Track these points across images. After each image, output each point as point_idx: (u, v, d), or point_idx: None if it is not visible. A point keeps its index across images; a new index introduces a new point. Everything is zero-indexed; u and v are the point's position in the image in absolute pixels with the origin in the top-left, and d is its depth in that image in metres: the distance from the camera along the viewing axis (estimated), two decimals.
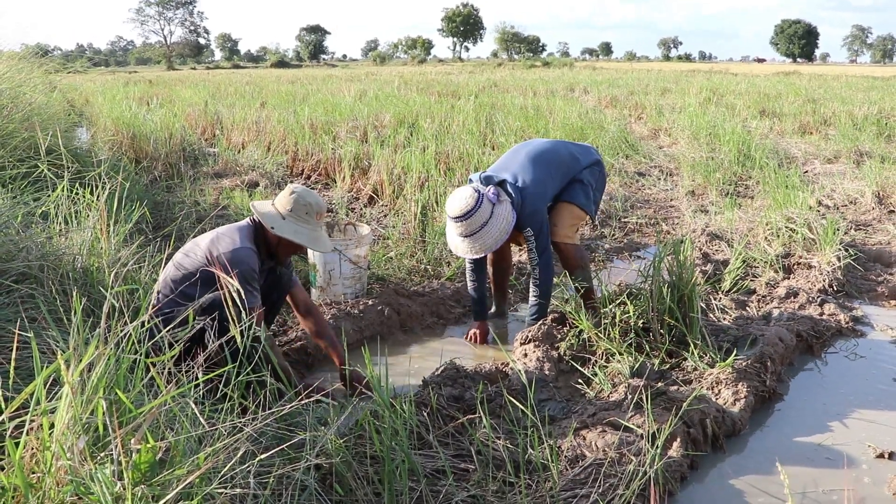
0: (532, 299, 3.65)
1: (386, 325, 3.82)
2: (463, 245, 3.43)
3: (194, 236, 3.01)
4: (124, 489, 1.41)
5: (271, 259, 3.01)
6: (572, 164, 3.68)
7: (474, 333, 3.76)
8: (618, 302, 3.41)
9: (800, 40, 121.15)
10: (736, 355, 3.12)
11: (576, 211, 3.66)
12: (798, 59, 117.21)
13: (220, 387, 2.14)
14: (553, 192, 3.62)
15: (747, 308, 3.99)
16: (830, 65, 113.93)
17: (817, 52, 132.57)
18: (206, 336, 2.11)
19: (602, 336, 3.33)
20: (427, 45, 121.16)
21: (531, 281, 3.63)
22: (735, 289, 4.27)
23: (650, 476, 2.21)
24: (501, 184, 3.47)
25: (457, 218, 3.36)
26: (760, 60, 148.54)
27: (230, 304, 2.18)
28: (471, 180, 3.57)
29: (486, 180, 3.47)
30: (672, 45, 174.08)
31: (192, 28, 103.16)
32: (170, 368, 1.86)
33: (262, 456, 1.68)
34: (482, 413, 2.46)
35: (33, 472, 1.49)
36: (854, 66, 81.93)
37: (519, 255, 4.94)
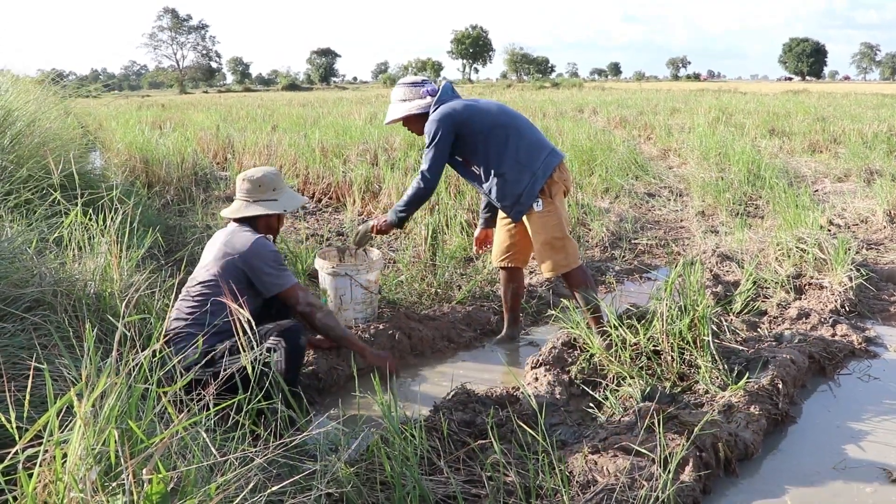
0: (398, 203, 3.57)
1: (397, 350, 3.82)
2: (389, 109, 3.74)
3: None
4: None
5: None
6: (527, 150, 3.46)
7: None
8: (629, 325, 3.40)
9: (808, 58, 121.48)
10: (748, 378, 3.10)
11: (539, 222, 3.49)
12: (807, 77, 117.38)
13: (232, 414, 2.15)
14: (483, 137, 3.45)
15: (759, 330, 3.96)
16: (838, 82, 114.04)
17: (826, 70, 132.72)
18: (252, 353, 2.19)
19: (613, 359, 3.32)
20: (437, 68, 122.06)
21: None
22: (746, 310, 4.25)
23: (663, 502, 2.19)
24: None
25: (399, 83, 3.76)
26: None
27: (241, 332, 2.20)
28: (450, 83, 3.73)
29: (446, 86, 3.68)
30: (681, 65, 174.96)
31: (204, 52, 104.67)
32: (181, 397, 1.88)
33: (274, 488, 1.68)
34: (493, 438, 2.45)
35: None
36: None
37: (529, 278, 4.95)
